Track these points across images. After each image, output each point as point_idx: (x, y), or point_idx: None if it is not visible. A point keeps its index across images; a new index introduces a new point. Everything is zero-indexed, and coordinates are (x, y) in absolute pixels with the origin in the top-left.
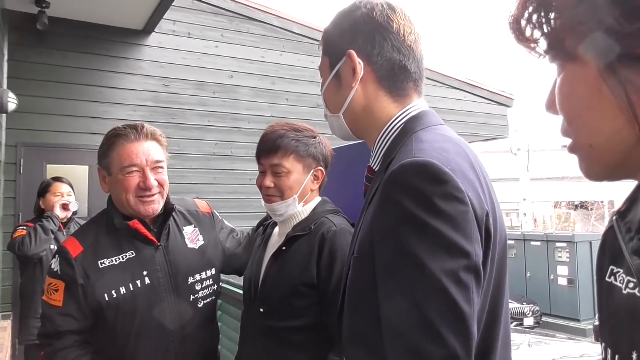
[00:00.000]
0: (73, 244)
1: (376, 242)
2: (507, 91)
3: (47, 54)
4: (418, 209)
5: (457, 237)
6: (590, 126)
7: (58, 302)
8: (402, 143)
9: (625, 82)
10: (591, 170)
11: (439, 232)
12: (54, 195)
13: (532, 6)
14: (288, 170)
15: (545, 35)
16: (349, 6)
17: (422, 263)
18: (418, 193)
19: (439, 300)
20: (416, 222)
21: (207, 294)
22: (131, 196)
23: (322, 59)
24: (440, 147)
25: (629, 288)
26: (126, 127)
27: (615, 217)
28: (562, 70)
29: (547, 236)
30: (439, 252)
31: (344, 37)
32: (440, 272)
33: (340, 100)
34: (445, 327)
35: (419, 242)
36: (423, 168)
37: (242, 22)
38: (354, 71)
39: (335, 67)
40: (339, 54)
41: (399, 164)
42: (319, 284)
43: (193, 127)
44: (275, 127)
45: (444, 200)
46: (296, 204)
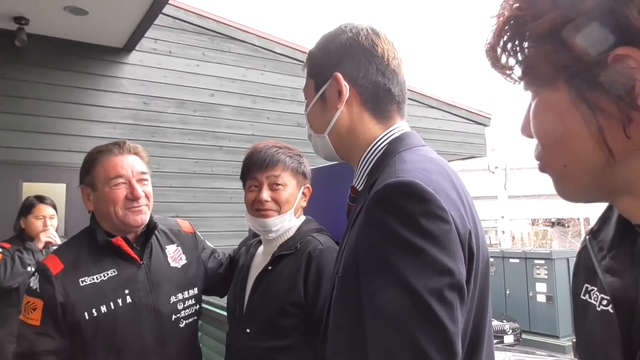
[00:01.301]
0: (53, 262)
1: (360, 260)
2: (485, 111)
3: (25, 71)
4: (402, 228)
5: (441, 256)
6: (564, 149)
7: (35, 322)
8: (385, 164)
9: (595, 108)
10: (566, 190)
11: (423, 250)
12: (37, 219)
13: (507, 35)
14: (285, 184)
15: (520, 62)
16: (335, 30)
17: (406, 282)
18: (402, 212)
19: (424, 319)
20: (400, 241)
21: (189, 314)
22: (119, 208)
23: (307, 81)
24: (422, 167)
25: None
26: (108, 144)
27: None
28: (536, 96)
29: (526, 253)
30: (423, 271)
31: (330, 59)
32: (424, 290)
33: (325, 121)
34: (431, 346)
35: (403, 261)
36: (407, 188)
37: (224, 42)
38: (339, 93)
39: (321, 88)
40: (324, 76)
41: (383, 183)
42: (306, 302)
43: (174, 145)
44: (267, 145)
45: (428, 219)
46: (292, 218)
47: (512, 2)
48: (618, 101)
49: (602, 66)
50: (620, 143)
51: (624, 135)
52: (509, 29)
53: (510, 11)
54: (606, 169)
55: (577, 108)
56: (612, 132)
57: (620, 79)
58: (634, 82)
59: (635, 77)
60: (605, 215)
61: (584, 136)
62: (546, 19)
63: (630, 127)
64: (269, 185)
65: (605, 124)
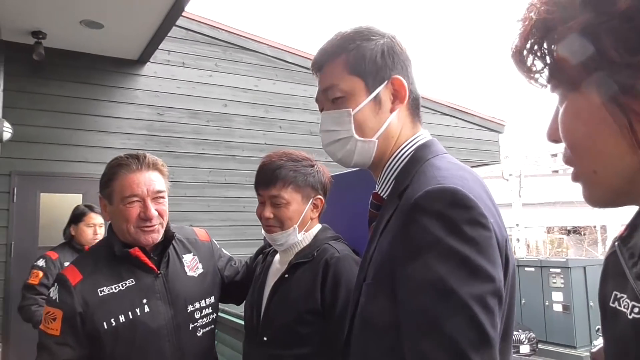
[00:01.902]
0: (73, 272)
1: (400, 267)
2: (498, 117)
3: (43, 84)
4: (445, 234)
5: (483, 262)
6: (594, 153)
7: (55, 331)
8: (415, 170)
9: (628, 111)
10: (594, 196)
11: (466, 257)
12: (88, 227)
13: (534, 38)
14: (287, 201)
15: (548, 66)
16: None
17: (450, 288)
18: (445, 219)
19: (467, 325)
20: (444, 247)
21: (207, 323)
22: (132, 226)
23: (345, 79)
24: (459, 175)
25: (634, 313)
26: (128, 156)
27: (617, 243)
28: (565, 100)
29: (541, 262)
30: (466, 278)
31: (384, 61)
32: (468, 297)
33: (377, 125)
34: (474, 352)
35: (446, 268)
36: (450, 194)
37: (236, 52)
38: (394, 96)
39: (375, 90)
40: (380, 77)
41: (425, 190)
42: (323, 310)
43: (187, 155)
44: (272, 158)
45: (470, 226)
46: (296, 233)
47: (539, 5)
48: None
49: (635, 69)
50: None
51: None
52: (536, 32)
53: (538, 14)
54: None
55: (609, 111)
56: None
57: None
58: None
59: None
60: (636, 221)
61: (615, 140)
62: (576, 22)
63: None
64: (270, 202)
65: (638, 126)
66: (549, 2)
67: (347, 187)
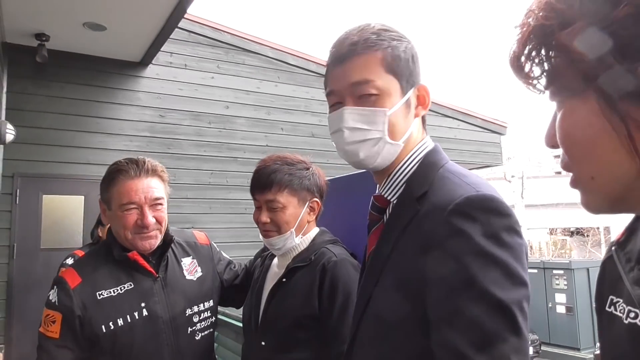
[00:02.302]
0: (72, 275)
1: (436, 273)
2: (500, 119)
3: (45, 86)
4: (486, 241)
5: (519, 269)
6: (592, 159)
7: (55, 334)
8: (433, 175)
9: (626, 118)
10: (593, 202)
11: (504, 263)
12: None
13: (532, 44)
14: (283, 205)
15: (546, 72)
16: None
17: (491, 294)
18: (487, 226)
19: (509, 328)
20: (484, 254)
21: (205, 326)
22: (129, 233)
23: (382, 76)
24: (485, 182)
25: (630, 318)
26: (128, 162)
27: (614, 247)
28: (563, 106)
29: (544, 263)
30: (505, 283)
31: (415, 65)
32: (508, 301)
33: (404, 129)
34: (514, 355)
35: (487, 274)
36: (490, 202)
37: (238, 54)
38: (419, 102)
39: (407, 93)
40: (412, 81)
41: (465, 196)
42: (320, 315)
43: (189, 157)
44: (267, 162)
45: (508, 233)
46: (294, 237)
47: (537, 11)
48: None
49: (633, 75)
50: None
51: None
52: (534, 37)
53: (536, 20)
54: (636, 180)
55: (607, 118)
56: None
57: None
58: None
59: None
60: (633, 225)
61: (613, 146)
62: (575, 28)
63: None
64: (267, 207)
65: (636, 133)
66: (546, 9)
67: (345, 191)
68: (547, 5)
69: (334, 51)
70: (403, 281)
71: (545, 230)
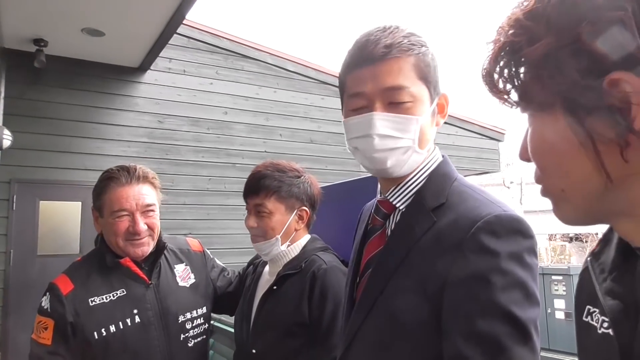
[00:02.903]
0: (64, 282)
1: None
2: (499, 126)
3: (43, 91)
4: (510, 261)
5: (535, 289)
6: (562, 173)
7: (47, 341)
8: (449, 187)
9: (592, 133)
10: (565, 214)
11: (525, 284)
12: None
13: (503, 61)
14: (270, 211)
15: (516, 88)
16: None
17: (513, 313)
18: (513, 246)
19: (527, 347)
20: (508, 273)
21: (198, 333)
22: (121, 240)
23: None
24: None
25: (603, 328)
26: (119, 169)
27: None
28: (533, 121)
29: (543, 269)
30: (525, 303)
31: (437, 73)
32: (527, 320)
33: (430, 137)
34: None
35: (509, 293)
36: (517, 224)
37: (237, 60)
38: (440, 111)
39: (434, 101)
40: (437, 89)
41: (494, 215)
42: (310, 323)
43: (187, 163)
44: (260, 168)
45: (529, 254)
46: (279, 244)
47: (507, 28)
48: (615, 125)
49: (598, 91)
50: (618, 167)
51: (621, 160)
52: (504, 54)
53: (506, 37)
54: (605, 192)
55: (574, 132)
56: (609, 156)
57: (616, 103)
58: (629, 106)
59: (631, 101)
60: (606, 236)
61: (581, 160)
62: (541, 45)
63: (628, 151)
64: (255, 211)
65: (603, 148)
66: (515, 25)
67: (338, 199)
68: (516, 22)
69: (361, 51)
70: (422, 284)
71: (545, 236)
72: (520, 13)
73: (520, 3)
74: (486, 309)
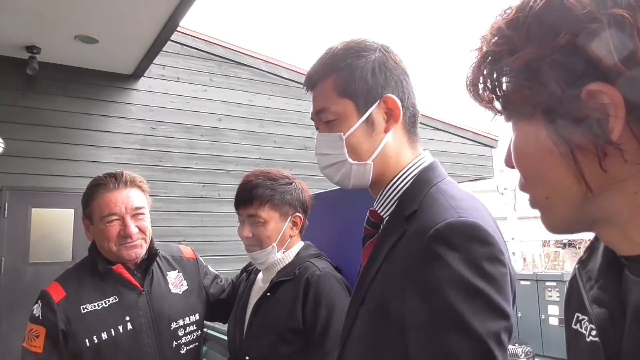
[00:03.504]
0: (56, 289)
1: (414, 299)
2: (492, 133)
3: (35, 98)
4: (466, 270)
5: (500, 300)
6: (544, 181)
7: (38, 349)
8: (424, 194)
9: (570, 143)
10: (549, 222)
11: (484, 294)
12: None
13: (485, 70)
14: (265, 220)
15: (498, 97)
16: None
17: (467, 324)
18: (466, 254)
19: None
20: (463, 283)
21: (191, 340)
22: (113, 244)
23: (335, 101)
24: (474, 206)
25: (591, 336)
26: (106, 176)
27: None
28: (516, 129)
29: (537, 275)
30: (484, 314)
31: (375, 79)
32: (486, 334)
33: (372, 147)
34: None
35: (465, 304)
36: (472, 230)
37: (231, 67)
38: (388, 115)
39: (367, 111)
40: (371, 97)
41: (446, 222)
42: (304, 329)
43: (181, 170)
44: (250, 177)
45: (490, 263)
46: (275, 252)
47: (490, 37)
48: (592, 136)
49: (576, 102)
50: (598, 177)
51: (601, 170)
52: (487, 63)
53: (488, 46)
54: (586, 201)
55: (554, 142)
56: (589, 166)
57: (594, 114)
58: (607, 117)
59: (609, 113)
60: (593, 244)
61: (562, 170)
62: (521, 55)
63: (606, 161)
64: (249, 221)
65: (582, 158)
66: (497, 34)
67: (330, 205)
68: (497, 31)
69: (305, 80)
70: (385, 304)
71: (539, 242)
72: (503, 22)
73: (504, 11)
74: (441, 322)
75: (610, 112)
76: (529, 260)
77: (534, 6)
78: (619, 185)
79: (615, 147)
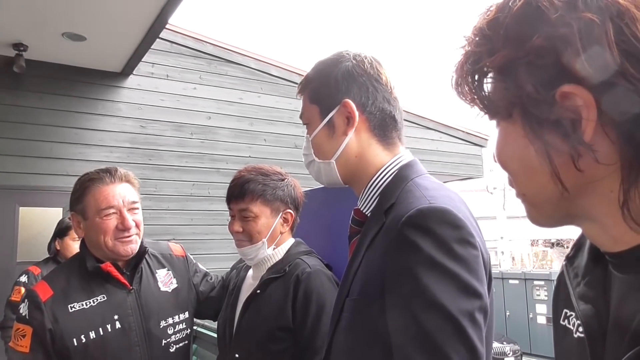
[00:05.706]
0: (43, 288)
1: (390, 283)
2: (482, 132)
3: (23, 96)
4: (437, 252)
5: (472, 280)
6: (522, 178)
7: (25, 349)
8: (401, 188)
9: (546, 143)
10: (533, 217)
11: (456, 274)
12: (74, 241)
13: (467, 69)
14: (256, 215)
15: (480, 97)
16: (334, 56)
17: (440, 304)
18: (437, 237)
19: (458, 340)
20: (435, 265)
21: (180, 338)
22: (109, 238)
23: (307, 107)
24: (446, 195)
25: (578, 332)
26: (99, 171)
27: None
28: (499, 128)
29: (525, 274)
30: (456, 294)
31: (337, 86)
32: (458, 312)
33: (333, 148)
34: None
35: (437, 284)
36: (441, 214)
37: (221, 65)
38: (348, 120)
39: (328, 115)
40: (332, 102)
41: (417, 208)
42: (294, 326)
43: (171, 168)
44: (243, 172)
45: (460, 245)
46: (265, 247)
47: (472, 37)
48: (566, 137)
49: (551, 103)
50: (574, 176)
51: (576, 170)
52: (469, 63)
53: (470, 46)
54: (564, 200)
55: (531, 142)
56: (565, 166)
57: (568, 115)
58: (580, 119)
59: (582, 115)
60: (579, 241)
61: (539, 169)
62: (499, 56)
63: (581, 161)
64: (240, 216)
65: (557, 158)
66: (478, 34)
67: (322, 203)
68: (479, 32)
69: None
70: (366, 293)
71: (527, 242)
72: (484, 22)
73: (486, 10)
74: (415, 302)
75: (583, 114)
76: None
77: (512, 7)
78: (595, 184)
79: (588, 148)
